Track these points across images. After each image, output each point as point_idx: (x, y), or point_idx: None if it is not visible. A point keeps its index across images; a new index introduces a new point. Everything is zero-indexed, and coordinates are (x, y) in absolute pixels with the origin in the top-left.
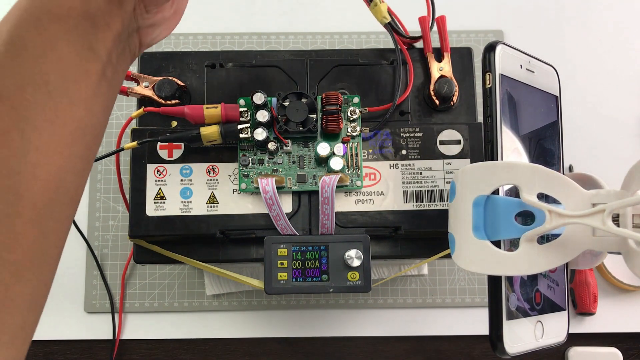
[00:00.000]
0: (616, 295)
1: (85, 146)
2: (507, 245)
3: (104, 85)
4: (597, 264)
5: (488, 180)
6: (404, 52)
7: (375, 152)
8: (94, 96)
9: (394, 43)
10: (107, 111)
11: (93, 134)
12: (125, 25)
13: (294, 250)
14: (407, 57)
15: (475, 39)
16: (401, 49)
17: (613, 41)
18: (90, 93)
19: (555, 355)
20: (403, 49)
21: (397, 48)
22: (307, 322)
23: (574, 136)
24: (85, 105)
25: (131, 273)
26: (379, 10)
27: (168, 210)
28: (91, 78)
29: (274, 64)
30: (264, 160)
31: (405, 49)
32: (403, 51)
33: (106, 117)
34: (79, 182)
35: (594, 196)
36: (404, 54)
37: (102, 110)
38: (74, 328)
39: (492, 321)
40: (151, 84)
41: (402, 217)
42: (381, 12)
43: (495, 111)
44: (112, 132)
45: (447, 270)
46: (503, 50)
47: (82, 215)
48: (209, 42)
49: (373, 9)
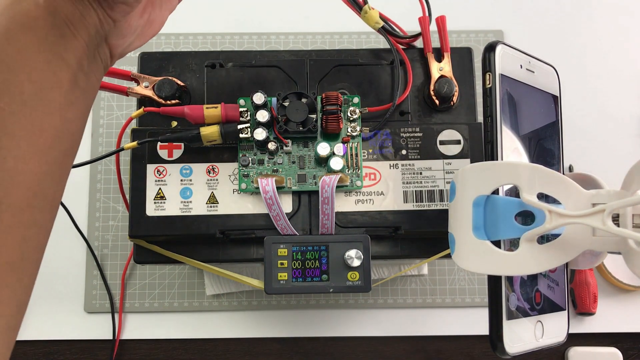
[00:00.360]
0: (616, 295)
1: (63, 153)
2: (507, 245)
3: (77, 93)
4: (597, 264)
5: (488, 180)
6: (400, 53)
7: (375, 152)
8: (68, 104)
9: (389, 45)
10: (82, 119)
11: (70, 141)
12: (92, 35)
13: (294, 250)
14: (405, 58)
15: (475, 39)
16: (397, 50)
17: (613, 41)
18: (64, 101)
19: (555, 355)
20: (399, 50)
21: (393, 49)
22: (307, 322)
23: (574, 136)
24: (60, 113)
25: (131, 273)
26: (370, 17)
27: (168, 210)
28: (64, 87)
29: (274, 64)
30: (264, 160)
31: (401, 50)
32: (400, 52)
33: (82, 124)
34: (57, 188)
35: (594, 196)
36: (401, 55)
37: (77, 118)
38: (74, 328)
39: (492, 321)
40: (151, 84)
41: (402, 217)
42: (373, 19)
43: (495, 111)
44: (112, 132)
45: (447, 270)
46: (503, 50)
47: (82, 215)
48: (209, 42)
49: (364, 16)
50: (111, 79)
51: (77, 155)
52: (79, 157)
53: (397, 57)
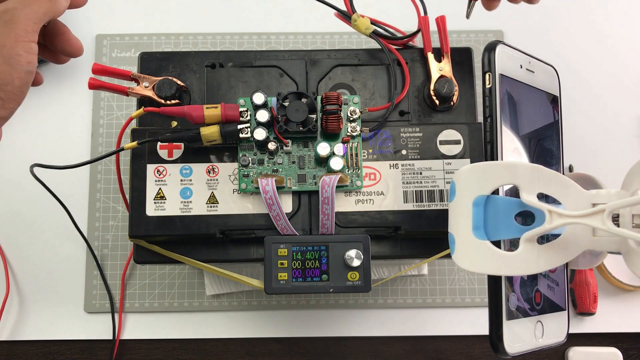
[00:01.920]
0: (616, 295)
1: None
2: (507, 245)
3: None
4: (597, 264)
5: (488, 180)
6: (394, 54)
7: (375, 152)
8: None
9: (382, 47)
10: None
11: None
12: None
13: (294, 250)
14: (400, 58)
15: (475, 39)
16: (391, 51)
17: (613, 41)
18: None
19: (555, 355)
20: (393, 51)
21: (386, 51)
22: (307, 322)
23: (574, 136)
24: None
25: (131, 273)
26: (360, 24)
27: (168, 210)
28: None
29: (274, 64)
30: (264, 160)
31: (395, 50)
32: (394, 53)
33: None
34: None
35: (594, 196)
36: (396, 55)
37: None
38: (74, 328)
39: (492, 321)
40: (151, 84)
41: (402, 217)
42: (363, 25)
43: (495, 111)
44: (112, 132)
45: (447, 270)
46: (503, 50)
47: (82, 215)
48: (209, 42)
49: (354, 25)
50: (111, 79)
51: (77, 155)
52: (79, 157)
53: (390, 58)
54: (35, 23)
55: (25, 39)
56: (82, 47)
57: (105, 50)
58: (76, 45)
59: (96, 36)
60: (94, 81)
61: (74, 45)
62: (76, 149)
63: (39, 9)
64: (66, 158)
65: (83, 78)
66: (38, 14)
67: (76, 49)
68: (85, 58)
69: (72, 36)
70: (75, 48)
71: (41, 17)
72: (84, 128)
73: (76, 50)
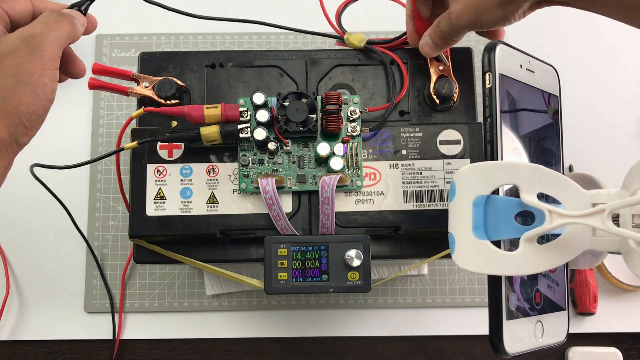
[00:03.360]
0: (616, 295)
1: None
2: (507, 245)
3: None
4: (597, 264)
5: (488, 180)
6: (391, 56)
7: (375, 152)
8: None
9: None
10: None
11: None
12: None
13: (294, 250)
14: (397, 59)
15: (475, 39)
16: (386, 54)
17: (613, 41)
18: None
19: (555, 355)
20: (390, 54)
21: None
22: (307, 322)
23: (574, 136)
24: None
25: (131, 273)
26: (353, 40)
27: (168, 210)
28: None
29: (274, 64)
30: (264, 160)
31: (390, 53)
32: (390, 55)
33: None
34: None
35: (594, 196)
36: (392, 57)
37: None
38: (74, 328)
39: (492, 321)
40: (151, 84)
41: (402, 217)
42: (356, 41)
43: (495, 111)
44: (112, 132)
45: (447, 270)
46: (503, 50)
47: (82, 215)
48: (209, 42)
49: (347, 42)
50: (111, 79)
51: (77, 155)
52: (79, 157)
53: (387, 61)
54: (59, 49)
55: (51, 67)
56: (85, 69)
57: (105, 50)
58: (80, 67)
59: (96, 36)
60: (94, 81)
61: (79, 67)
62: (76, 149)
63: (62, 33)
64: (66, 158)
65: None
66: (62, 39)
67: (80, 70)
68: (86, 58)
69: (77, 58)
70: (80, 70)
71: (64, 42)
72: (84, 128)
73: (80, 72)
